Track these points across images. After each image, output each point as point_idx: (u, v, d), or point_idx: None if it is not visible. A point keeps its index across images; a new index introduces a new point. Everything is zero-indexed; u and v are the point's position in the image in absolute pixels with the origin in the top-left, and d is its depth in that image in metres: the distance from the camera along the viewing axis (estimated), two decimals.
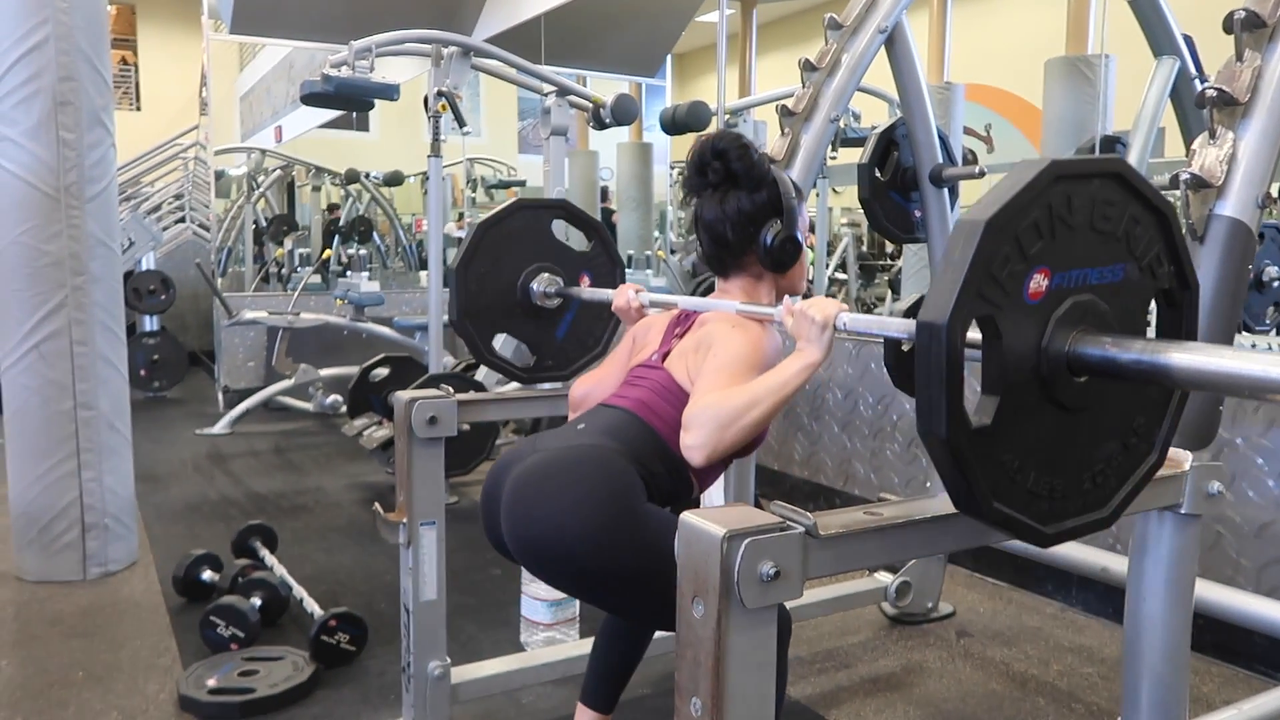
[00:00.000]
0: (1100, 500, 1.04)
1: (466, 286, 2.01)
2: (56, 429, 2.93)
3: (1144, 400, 1.04)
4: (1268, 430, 2.33)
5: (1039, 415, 0.96)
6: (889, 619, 2.72)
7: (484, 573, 3.11)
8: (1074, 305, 0.95)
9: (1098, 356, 0.94)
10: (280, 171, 7.97)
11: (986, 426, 0.92)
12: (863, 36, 2.31)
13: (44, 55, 2.81)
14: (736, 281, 1.62)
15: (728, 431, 1.34)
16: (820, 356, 1.35)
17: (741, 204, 1.55)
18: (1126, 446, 1.04)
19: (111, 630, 2.63)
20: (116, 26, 12.38)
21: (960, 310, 0.87)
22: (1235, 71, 1.41)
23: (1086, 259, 0.96)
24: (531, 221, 2.09)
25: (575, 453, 1.41)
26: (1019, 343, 0.93)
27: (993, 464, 0.93)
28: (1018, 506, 0.96)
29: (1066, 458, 0.99)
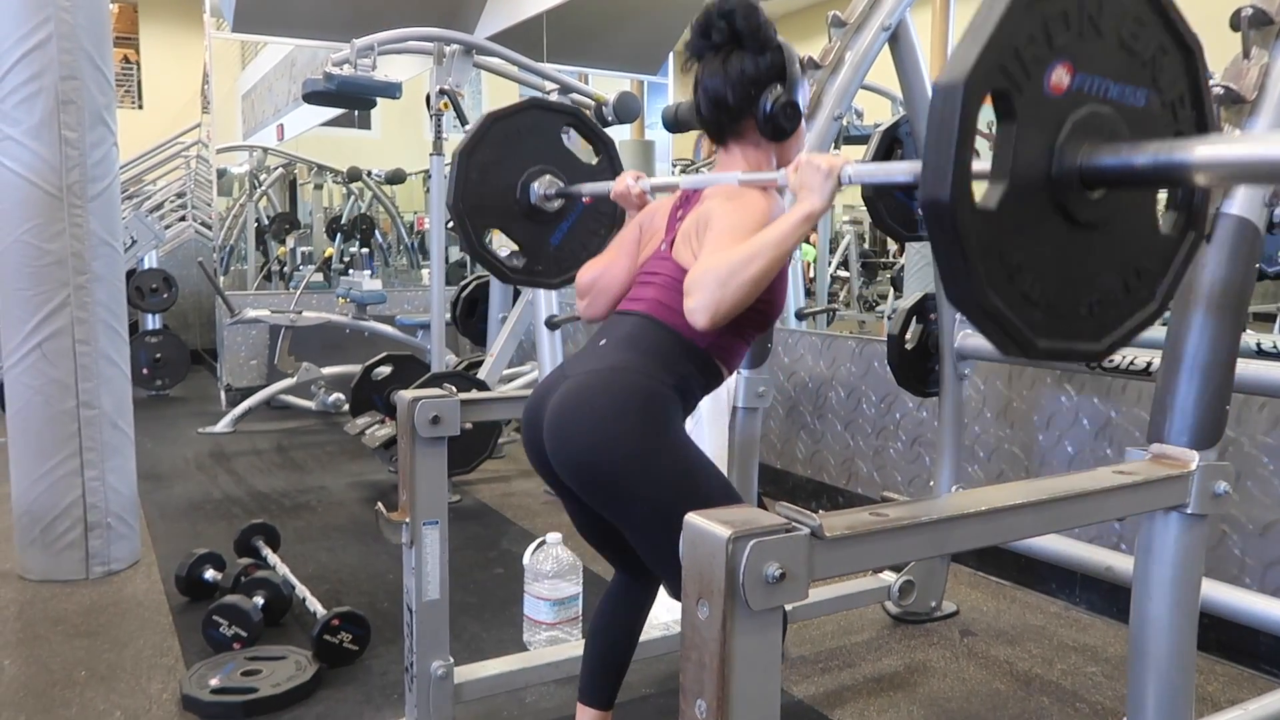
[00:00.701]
0: (1095, 332, 1.00)
1: (467, 175, 1.98)
2: (59, 428, 2.93)
3: (1152, 244, 1.01)
4: (1273, 428, 2.32)
5: (1046, 223, 0.93)
6: (892, 618, 2.72)
7: (487, 571, 3.11)
8: (1093, 113, 0.92)
9: (1113, 164, 0.90)
10: (282, 170, 7.97)
11: (991, 211, 0.88)
12: (866, 34, 2.30)
13: (46, 54, 2.81)
14: (735, 151, 1.58)
15: (728, 288, 1.32)
16: (821, 205, 1.33)
17: (745, 65, 1.52)
18: (1128, 287, 1.01)
19: (114, 629, 2.63)
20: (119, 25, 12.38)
21: (979, 72, 0.83)
22: (1242, 69, 1.40)
23: (1111, 71, 0.93)
24: (540, 122, 2.06)
25: (602, 376, 1.44)
26: (1033, 136, 0.90)
27: (992, 252, 0.89)
28: (1008, 302, 0.91)
29: (1068, 276, 0.95)
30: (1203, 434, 1.37)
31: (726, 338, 1.51)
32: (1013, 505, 1.15)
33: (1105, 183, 0.92)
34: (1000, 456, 3.04)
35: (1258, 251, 1.40)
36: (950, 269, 0.89)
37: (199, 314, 8.02)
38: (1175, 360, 1.40)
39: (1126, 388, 2.64)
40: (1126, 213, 0.96)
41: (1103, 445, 2.73)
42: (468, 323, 4.83)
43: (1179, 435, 1.38)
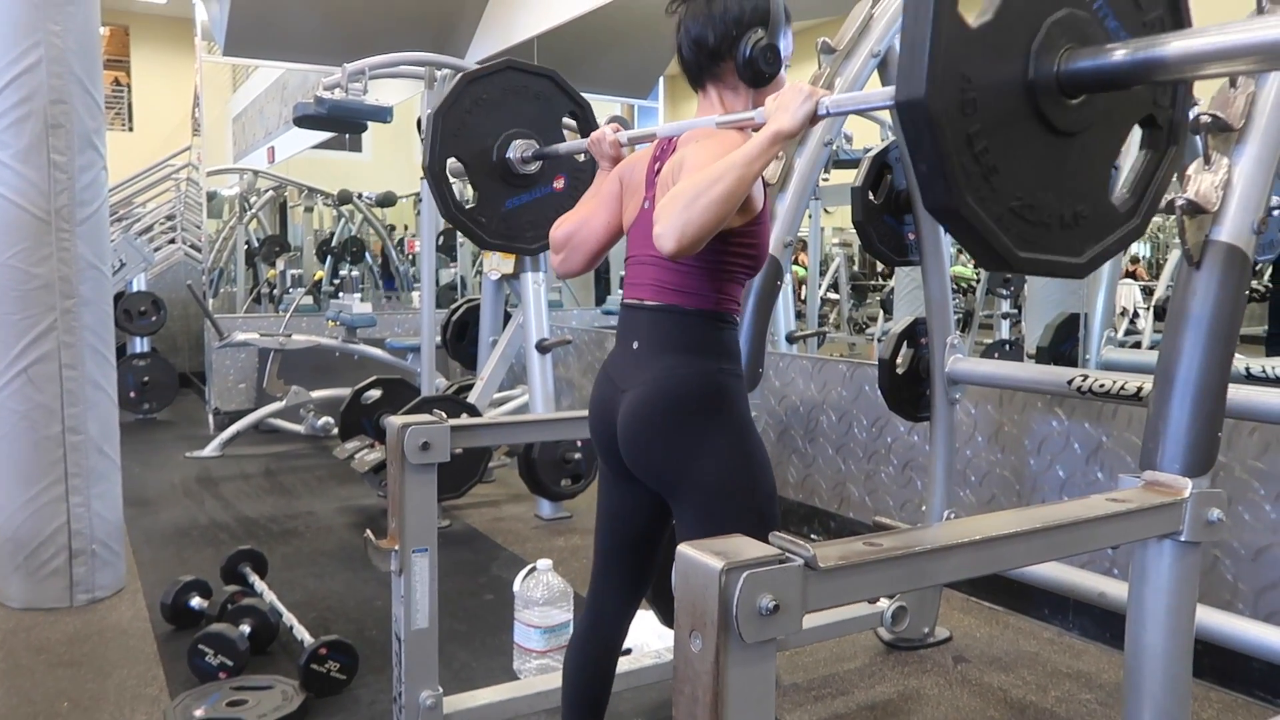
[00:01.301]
0: (1076, 246, 0.99)
1: (443, 136, 1.97)
2: (44, 454, 2.90)
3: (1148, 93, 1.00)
4: (1263, 453, 2.33)
5: (1025, 128, 0.91)
6: (885, 645, 2.70)
7: (477, 598, 3.08)
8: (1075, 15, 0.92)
9: (1090, 66, 0.89)
10: (272, 192, 7.97)
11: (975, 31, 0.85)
12: (856, 60, 2.32)
13: (36, 78, 2.80)
14: (713, 94, 1.55)
15: (693, 209, 1.26)
16: (790, 126, 1.29)
17: (729, 6, 1.49)
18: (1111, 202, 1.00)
19: (98, 659, 2.59)
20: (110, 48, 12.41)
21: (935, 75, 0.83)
22: (1229, 97, 1.42)
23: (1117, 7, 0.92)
24: (486, 92, 2.05)
25: (658, 382, 1.48)
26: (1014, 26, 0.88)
27: (972, 154, 0.87)
28: (990, 213, 0.89)
29: (1047, 185, 0.94)
30: (1195, 461, 1.37)
31: (726, 288, 1.50)
32: (1007, 534, 1.14)
33: (1084, 86, 0.90)
34: (992, 481, 3.03)
35: (1247, 278, 1.41)
36: (928, 169, 0.87)
37: (187, 337, 7.98)
38: (1167, 386, 1.40)
39: (1117, 412, 2.64)
40: (1107, 122, 0.95)
41: (1094, 469, 2.73)
42: (458, 346, 4.82)
43: (1171, 462, 1.38)
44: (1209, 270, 1.39)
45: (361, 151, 8.73)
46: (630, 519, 1.64)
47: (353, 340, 5.53)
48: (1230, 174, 1.39)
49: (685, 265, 1.47)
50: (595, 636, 1.69)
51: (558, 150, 2.02)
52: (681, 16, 1.55)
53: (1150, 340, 4.19)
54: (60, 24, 2.81)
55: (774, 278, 2.28)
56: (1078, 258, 0.97)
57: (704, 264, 1.46)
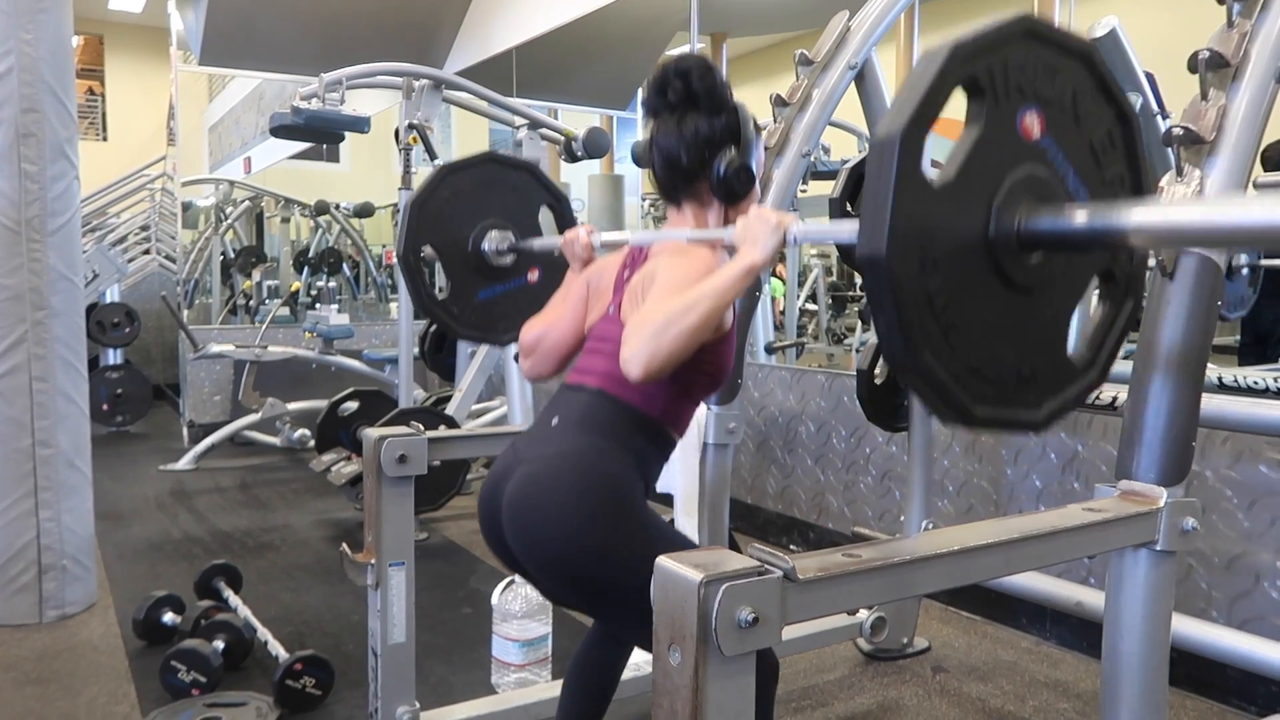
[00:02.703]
0: (1034, 400, 0.98)
1: (419, 226, 1.97)
2: (13, 468, 2.86)
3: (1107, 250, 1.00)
4: (1235, 462, 2.35)
5: (984, 284, 0.91)
6: (864, 655, 2.70)
7: (454, 611, 3.06)
8: (1040, 176, 0.92)
9: (1050, 227, 0.90)
10: (249, 202, 7.91)
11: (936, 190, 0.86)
12: (833, 72, 2.34)
13: (7, 86, 2.77)
14: (688, 210, 1.56)
15: (663, 338, 1.26)
16: (762, 258, 1.30)
17: (699, 127, 1.50)
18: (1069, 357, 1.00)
19: (68, 676, 2.54)
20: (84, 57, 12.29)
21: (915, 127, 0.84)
22: (1200, 110, 1.43)
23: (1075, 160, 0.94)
24: (496, 177, 2.05)
25: (557, 464, 1.40)
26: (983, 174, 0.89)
27: (931, 312, 0.87)
28: (949, 370, 0.89)
29: (1006, 340, 0.94)
30: (1170, 470, 1.38)
31: (677, 402, 1.47)
32: (985, 545, 1.15)
33: (1043, 245, 0.91)
34: (969, 491, 3.05)
35: (1219, 289, 1.42)
36: (886, 327, 0.88)
37: (162, 348, 7.89)
38: (1141, 397, 1.41)
39: (1093, 422, 2.66)
40: (1066, 277, 0.96)
41: (1070, 479, 2.74)
42: (436, 358, 4.80)
43: (1146, 472, 1.39)
44: (1182, 281, 1.40)
45: (339, 162, 8.68)
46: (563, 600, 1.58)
47: (330, 352, 5.49)
48: (1202, 186, 1.41)
49: None
50: (603, 647, 1.68)
51: (532, 246, 2.03)
52: (653, 131, 1.55)
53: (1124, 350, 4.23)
54: (32, 32, 2.78)
55: (752, 289, 2.28)
56: (1035, 412, 0.97)
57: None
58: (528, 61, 5.72)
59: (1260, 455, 2.31)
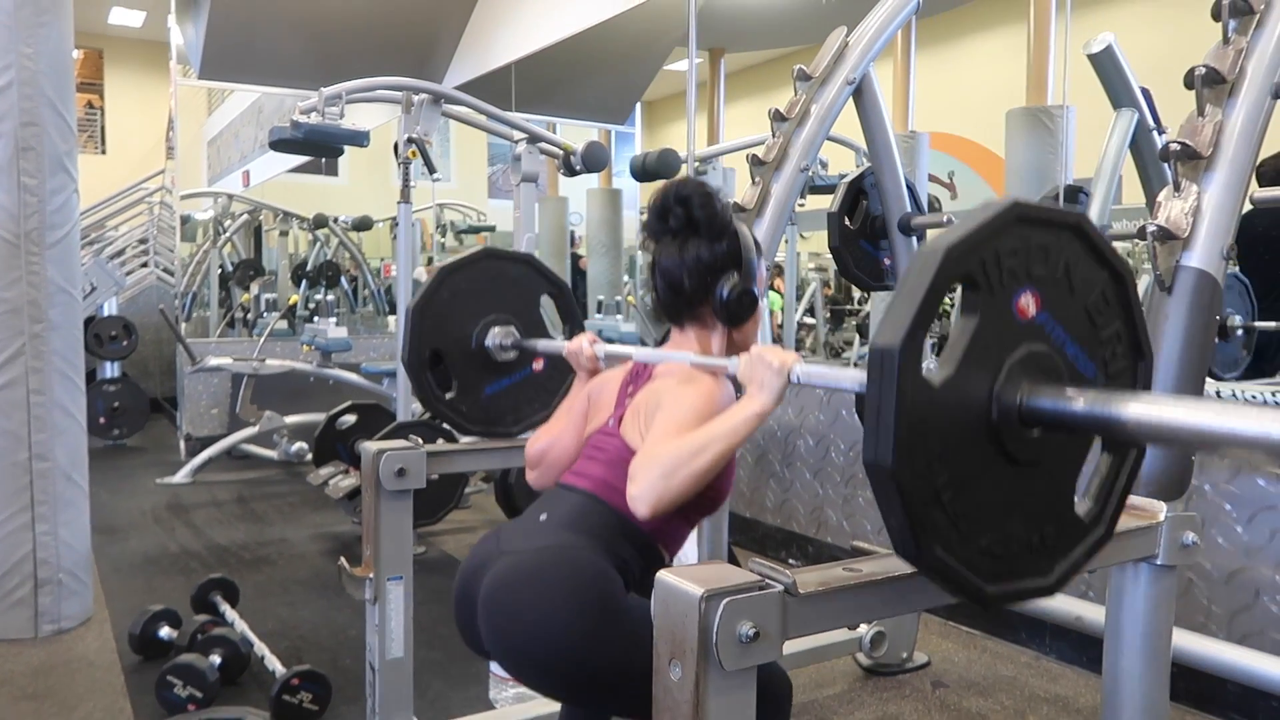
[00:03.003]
0: (1044, 566, 0.99)
1: (422, 329, 1.98)
2: (10, 481, 2.85)
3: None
4: (1234, 476, 2.35)
5: (987, 463, 0.93)
6: (864, 670, 2.69)
7: (452, 626, 3.02)
8: (1042, 352, 0.94)
9: (1050, 407, 0.91)
10: (247, 216, 7.92)
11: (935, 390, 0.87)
12: (831, 88, 2.35)
13: (7, 100, 2.78)
14: (691, 332, 1.58)
15: (672, 480, 1.28)
16: (770, 404, 1.31)
17: (701, 253, 1.52)
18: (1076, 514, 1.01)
19: (63, 692, 2.53)
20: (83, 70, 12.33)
21: (914, 335, 0.84)
22: (1197, 126, 1.44)
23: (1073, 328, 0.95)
24: (496, 272, 2.07)
25: (543, 556, 1.39)
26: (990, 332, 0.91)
27: (940, 507, 0.89)
28: (960, 558, 0.91)
29: (1011, 515, 0.95)
30: (1169, 485, 1.38)
31: (672, 523, 1.47)
32: None
33: (1043, 424, 0.92)
34: None
35: (1217, 303, 1.43)
36: (896, 528, 0.90)
37: (159, 362, 7.89)
38: None
39: None
40: (1068, 445, 0.97)
41: None
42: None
43: (1146, 486, 1.39)
44: (1180, 295, 1.40)
45: (338, 176, 8.70)
46: None
47: (328, 365, 5.48)
48: (1199, 201, 1.42)
49: None
50: None
51: (535, 347, 2.04)
52: (654, 254, 1.56)
53: None
54: (32, 46, 2.79)
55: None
56: (1047, 578, 0.99)
57: None
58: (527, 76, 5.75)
59: (1259, 469, 2.31)
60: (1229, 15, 1.48)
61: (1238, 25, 1.48)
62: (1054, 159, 4.06)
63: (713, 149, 5.36)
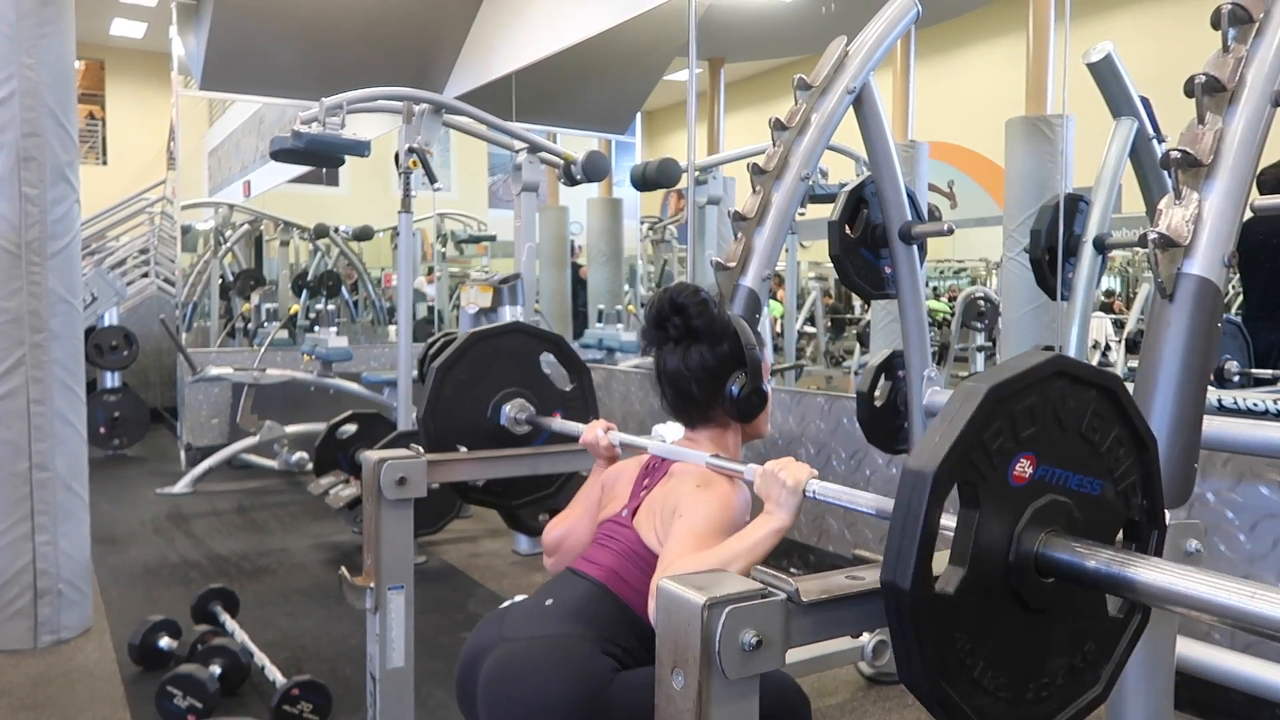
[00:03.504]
0: (1042, 716, 1.00)
1: (442, 391, 2.00)
2: (10, 491, 2.84)
3: (1098, 627, 1.03)
4: (1237, 484, 2.35)
5: (1000, 606, 0.94)
6: (866, 679, 2.68)
7: (453, 635, 3.04)
8: (1052, 503, 0.95)
9: (1066, 559, 0.93)
10: (248, 226, 7.93)
11: (948, 595, 0.90)
12: (831, 96, 2.35)
13: (8, 110, 2.78)
14: (703, 432, 1.60)
15: None
16: (788, 521, 1.34)
17: (705, 358, 1.53)
18: (1073, 669, 1.01)
19: (63, 702, 2.52)
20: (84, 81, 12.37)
21: (949, 464, 0.86)
22: (1197, 134, 1.44)
23: (1071, 462, 0.96)
24: (520, 346, 2.10)
25: (547, 645, 1.40)
26: (994, 523, 0.92)
27: (945, 638, 0.90)
28: (960, 692, 0.92)
29: (1017, 660, 0.96)
30: (1172, 492, 1.38)
31: None
32: None
33: (1057, 572, 0.94)
34: None
35: (1219, 311, 1.42)
36: (905, 654, 0.91)
37: (160, 371, 7.89)
38: None
39: None
40: (1076, 596, 0.98)
41: None
42: None
43: None
44: (1181, 303, 1.40)
45: (338, 185, 8.72)
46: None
47: (328, 374, 5.48)
48: (1200, 208, 1.41)
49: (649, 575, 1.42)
50: None
51: (551, 426, 2.06)
52: (658, 360, 1.58)
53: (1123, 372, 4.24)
54: (34, 57, 2.80)
55: (752, 312, 2.28)
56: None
57: None
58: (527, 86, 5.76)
59: (1262, 477, 2.30)
60: (1228, 24, 1.48)
61: (1237, 33, 1.48)
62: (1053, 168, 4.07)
63: (713, 158, 5.37)
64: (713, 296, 1.57)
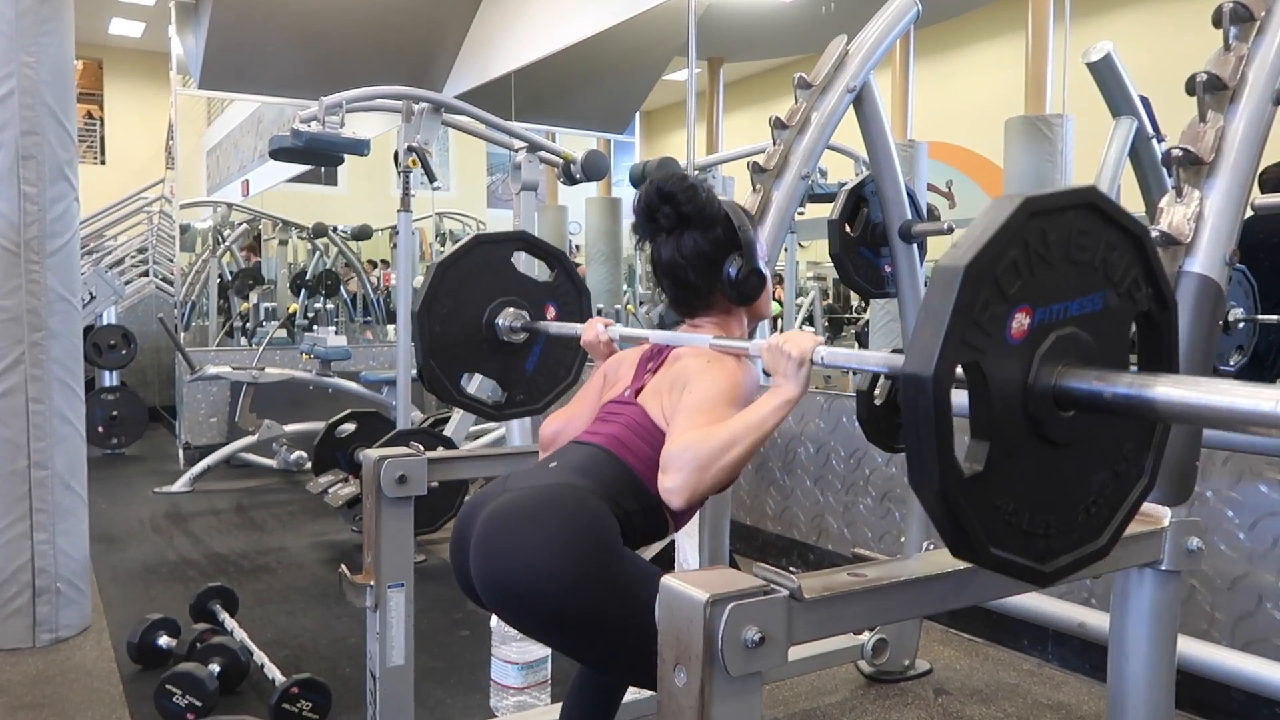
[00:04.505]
0: (1095, 531, 1.01)
1: (430, 329, 1.97)
2: (9, 489, 2.84)
3: (1131, 427, 1.02)
4: (1237, 483, 2.35)
5: (1029, 454, 0.94)
6: (866, 677, 2.68)
7: (453, 634, 3.04)
8: (1057, 340, 0.94)
9: (1084, 390, 0.92)
10: (247, 225, 7.93)
11: (979, 473, 0.89)
12: (831, 95, 2.35)
13: (8, 109, 2.78)
14: (705, 320, 1.59)
15: (707, 473, 1.30)
16: (798, 392, 1.32)
17: (699, 244, 1.52)
18: (1117, 474, 1.02)
19: (61, 701, 2.52)
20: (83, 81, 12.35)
21: (945, 360, 0.85)
22: (1199, 132, 1.44)
23: (1066, 292, 0.95)
24: (492, 256, 2.06)
25: (547, 492, 1.37)
26: (1005, 385, 0.91)
27: (987, 509, 0.90)
28: (1014, 549, 0.93)
29: (1059, 493, 0.97)
30: (1174, 490, 1.38)
31: None
32: None
33: (1077, 406, 0.94)
34: None
35: (1220, 309, 1.42)
36: (951, 539, 0.91)
37: (158, 370, 7.88)
38: None
39: None
40: (1089, 446, 0.98)
41: None
42: None
43: None
44: (1183, 301, 1.40)
45: (337, 185, 8.71)
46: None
47: (327, 373, 5.48)
48: (1202, 206, 1.41)
49: (653, 449, 1.42)
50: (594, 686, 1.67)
51: (548, 330, 2.04)
52: (652, 253, 1.57)
53: None
54: (34, 55, 2.80)
55: None
56: (1043, 566, 0.99)
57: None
58: (527, 85, 5.76)
59: (1261, 475, 2.31)
60: (1230, 22, 1.48)
61: (1239, 32, 1.48)
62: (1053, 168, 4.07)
63: (712, 158, 5.37)
64: (700, 182, 1.54)
